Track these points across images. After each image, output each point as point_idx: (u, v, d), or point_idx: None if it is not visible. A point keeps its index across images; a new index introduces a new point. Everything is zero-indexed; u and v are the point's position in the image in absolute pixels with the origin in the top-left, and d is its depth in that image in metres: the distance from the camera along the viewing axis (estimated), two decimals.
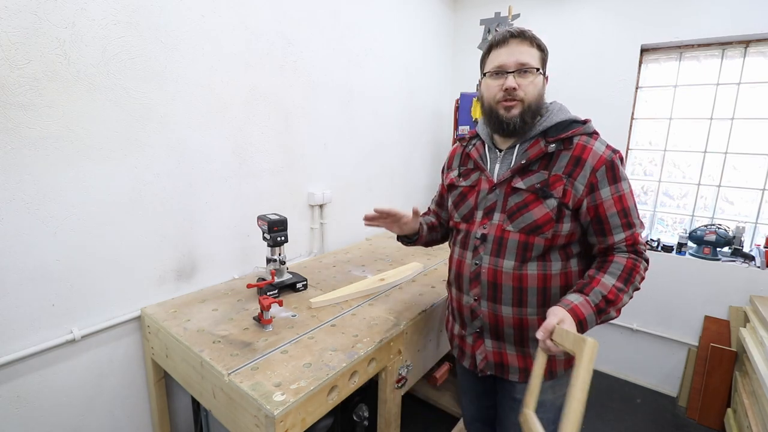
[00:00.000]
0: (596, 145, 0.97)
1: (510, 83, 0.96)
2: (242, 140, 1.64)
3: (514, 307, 1.02)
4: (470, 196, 1.11)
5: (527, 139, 1.01)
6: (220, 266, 1.64)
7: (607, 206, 0.95)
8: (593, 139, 0.98)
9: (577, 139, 0.98)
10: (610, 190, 0.95)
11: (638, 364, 2.53)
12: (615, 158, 0.96)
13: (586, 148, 0.96)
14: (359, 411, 1.45)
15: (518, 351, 1.06)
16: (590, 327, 0.90)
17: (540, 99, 1.00)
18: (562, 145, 0.98)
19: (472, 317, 1.10)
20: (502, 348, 1.08)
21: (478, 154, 1.12)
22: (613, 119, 2.44)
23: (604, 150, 0.96)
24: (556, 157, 0.98)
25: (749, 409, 1.77)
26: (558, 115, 1.00)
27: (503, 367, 1.09)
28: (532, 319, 1.02)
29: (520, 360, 1.06)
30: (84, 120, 1.17)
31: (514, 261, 1.01)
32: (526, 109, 0.98)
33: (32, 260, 1.12)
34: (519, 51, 0.96)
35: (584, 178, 0.95)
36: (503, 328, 1.05)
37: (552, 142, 0.98)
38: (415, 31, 2.59)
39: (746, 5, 2.03)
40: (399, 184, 2.70)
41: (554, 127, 0.99)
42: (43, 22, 1.06)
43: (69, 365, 1.24)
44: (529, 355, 1.05)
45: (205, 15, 1.43)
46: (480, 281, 1.06)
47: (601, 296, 0.90)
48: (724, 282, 2.20)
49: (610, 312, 0.92)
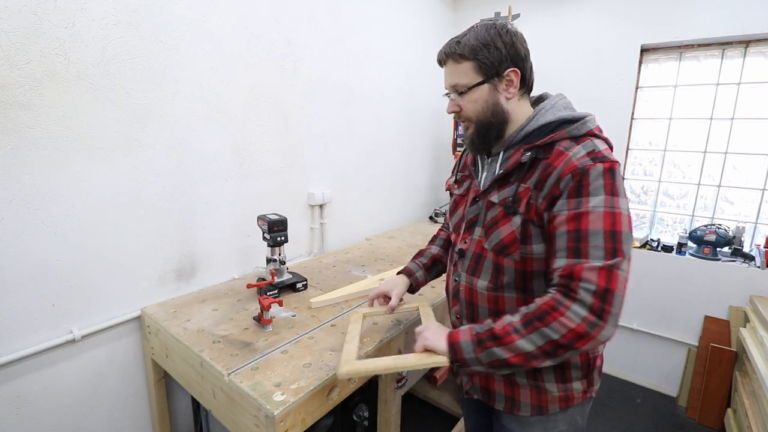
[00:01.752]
0: (575, 150, 0.78)
1: (448, 108, 0.93)
2: (242, 140, 1.64)
3: None
4: (461, 205, 1.03)
5: (511, 146, 0.90)
6: (220, 266, 1.64)
7: (558, 223, 0.76)
8: (577, 144, 0.80)
9: (558, 144, 0.81)
10: (568, 203, 0.76)
11: (638, 364, 2.53)
12: (591, 167, 0.75)
13: (562, 155, 0.79)
14: (359, 411, 1.46)
15: (505, 378, 0.94)
16: (466, 356, 0.78)
17: (491, 110, 0.87)
18: (542, 153, 0.83)
19: None
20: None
21: (473, 159, 1.03)
22: (613, 119, 2.44)
23: (582, 156, 0.77)
24: (533, 167, 0.83)
25: (749, 409, 1.77)
26: (545, 117, 0.86)
27: (489, 392, 0.98)
28: None
29: (507, 387, 0.94)
30: (84, 120, 1.17)
31: (488, 281, 0.90)
32: (479, 127, 0.89)
33: (32, 260, 1.12)
34: (449, 72, 0.90)
35: (548, 188, 0.79)
36: None
37: (528, 149, 0.84)
38: (414, 31, 2.59)
39: (746, 5, 2.03)
40: (399, 184, 2.70)
41: (537, 132, 0.85)
42: (43, 22, 1.06)
43: (69, 365, 1.24)
44: (516, 384, 0.92)
45: (205, 15, 1.43)
46: (459, 299, 0.99)
47: (487, 327, 0.78)
48: (724, 282, 2.20)
49: (493, 349, 0.75)
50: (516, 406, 0.93)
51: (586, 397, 0.92)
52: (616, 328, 0.72)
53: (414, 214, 2.93)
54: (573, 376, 0.90)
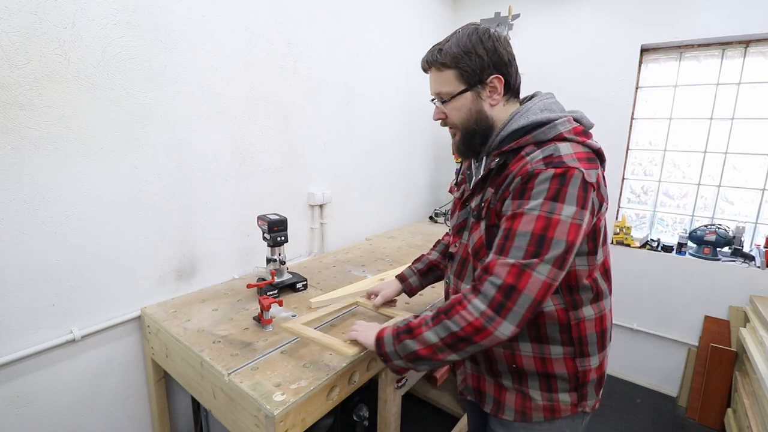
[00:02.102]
0: (534, 155, 0.78)
1: (434, 115, 0.93)
2: (242, 140, 1.64)
3: None
4: (457, 209, 1.03)
5: (490, 151, 0.90)
6: (220, 266, 1.64)
7: (502, 221, 0.79)
8: (539, 149, 0.78)
9: (524, 149, 0.81)
10: (512, 204, 0.77)
11: (638, 364, 2.53)
12: (541, 171, 0.74)
13: (522, 160, 0.79)
14: (359, 411, 1.46)
15: (494, 380, 0.95)
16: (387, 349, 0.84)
17: (476, 117, 0.87)
18: (511, 158, 0.82)
19: None
20: (480, 372, 0.98)
21: (469, 163, 1.03)
22: (613, 119, 2.44)
23: (537, 161, 0.76)
24: (496, 176, 0.85)
25: (749, 409, 1.77)
26: (518, 122, 0.84)
27: (480, 393, 0.99)
28: (498, 352, 0.90)
29: (496, 390, 0.94)
30: (84, 120, 1.17)
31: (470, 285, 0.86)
32: (463, 134, 0.90)
33: (32, 260, 1.12)
34: (433, 80, 0.91)
35: (501, 192, 0.81)
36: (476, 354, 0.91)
37: (497, 155, 0.84)
38: (415, 31, 2.59)
39: (746, 5, 2.03)
40: (399, 184, 2.70)
41: (508, 138, 0.85)
42: (43, 22, 1.06)
43: (69, 365, 1.24)
44: (504, 387, 0.93)
45: (205, 15, 1.43)
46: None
47: (407, 322, 0.84)
48: (724, 282, 2.20)
49: (406, 341, 0.80)
50: (501, 409, 0.93)
51: (576, 411, 0.89)
52: (517, 327, 0.72)
53: (414, 214, 2.93)
54: (559, 387, 0.88)
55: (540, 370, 0.87)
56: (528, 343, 0.86)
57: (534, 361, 0.87)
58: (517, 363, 0.88)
